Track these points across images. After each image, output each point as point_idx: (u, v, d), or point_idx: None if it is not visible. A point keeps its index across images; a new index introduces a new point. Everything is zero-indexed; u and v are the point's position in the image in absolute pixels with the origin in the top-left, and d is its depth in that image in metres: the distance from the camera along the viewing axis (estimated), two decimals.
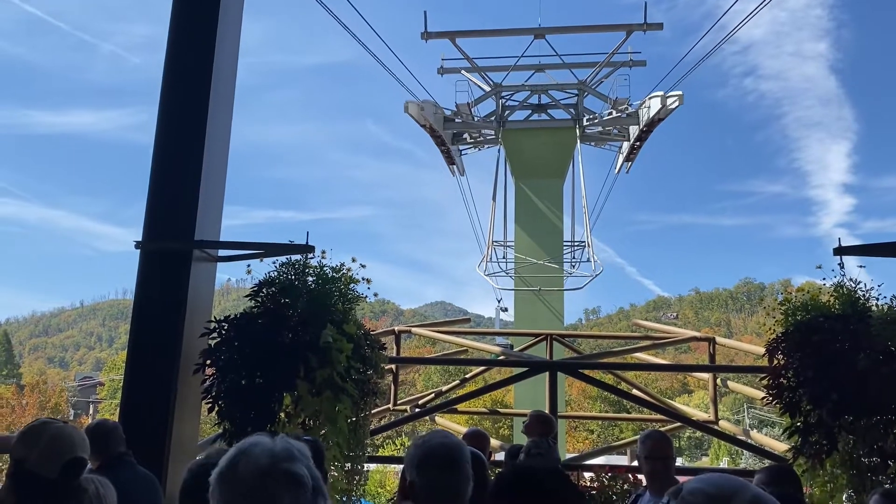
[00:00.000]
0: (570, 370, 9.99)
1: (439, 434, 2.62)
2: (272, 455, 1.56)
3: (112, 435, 4.31)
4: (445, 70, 26.43)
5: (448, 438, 2.57)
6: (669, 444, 4.37)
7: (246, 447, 1.60)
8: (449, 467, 2.44)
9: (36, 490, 2.16)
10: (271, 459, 1.55)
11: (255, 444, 1.60)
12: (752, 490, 1.45)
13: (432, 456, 2.47)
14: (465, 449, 2.54)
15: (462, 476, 2.45)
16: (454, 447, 2.51)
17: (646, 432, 4.49)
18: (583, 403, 65.05)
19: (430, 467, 2.45)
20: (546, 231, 25.65)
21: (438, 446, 2.49)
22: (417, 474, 2.46)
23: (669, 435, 5.04)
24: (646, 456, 4.30)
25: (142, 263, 6.32)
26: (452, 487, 2.43)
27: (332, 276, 5.97)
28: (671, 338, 14.09)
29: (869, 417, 5.64)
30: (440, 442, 2.52)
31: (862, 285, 6.16)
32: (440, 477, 2.43)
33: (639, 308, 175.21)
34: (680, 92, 22.24)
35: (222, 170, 6.96)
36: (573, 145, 25.91)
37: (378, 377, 6.45)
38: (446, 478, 2.44)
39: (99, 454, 4.15)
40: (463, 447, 2.55)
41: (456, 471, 2.45)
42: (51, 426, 2.42)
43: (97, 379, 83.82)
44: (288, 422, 5.52)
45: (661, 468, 4.28)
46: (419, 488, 2.44)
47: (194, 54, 6.73)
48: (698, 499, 1.44)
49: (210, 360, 5.60)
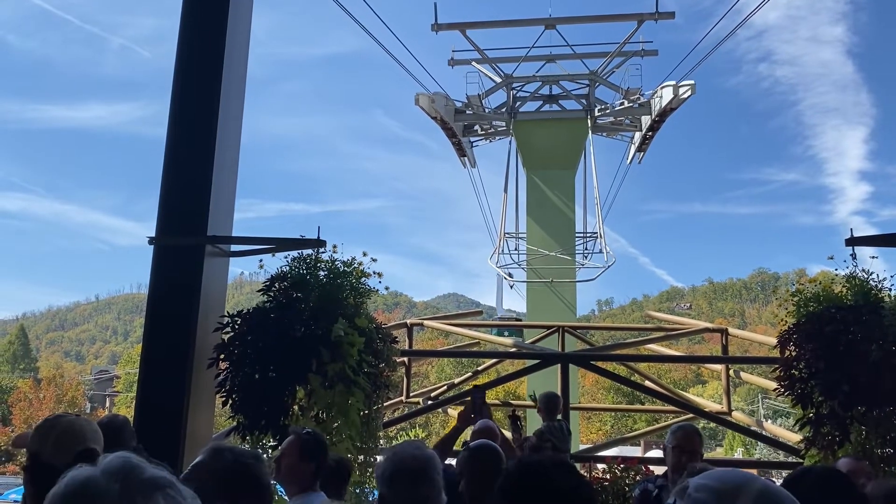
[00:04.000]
0: (583, 362, 10.01)
1: (411, 446, 2.58)
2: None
3: (124, 430, 4.36)
4: (456, 62, 26.39)
5: (420, 451, 2.53)
6: (700, 440, 4.35)
7: None
8: (420, 480, 2.41)
9: (51, 481, 2.22)
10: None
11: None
12: (759, 482, 1.45)
13: (403, 469, 2.44)
14: (436, 461, 2.50)
15: (434, 489, 2.42)
16: (425, 460, 2.47)
17: (678, 424, 4.53)
18: (597, 394, 64.93)
19: (400, 481, 2.42)
20: (558, 222, 25.61)
21: (410, 459, 2.46)
22: (388, 487, 2.43)
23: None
24: (674, 446, 4.30)
25: (155, 259, 6.39)
26: (422, 500, 2.40)
27: (344, 270, 6.00)
28: (684, 329, 14.07)
29: (881, 408, 5.63)
30: (411, 455, 2.48)
31: (874, 276, 6.13)
32: (411, 489, 2.41)
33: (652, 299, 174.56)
34: (692, 81, 22.11)
35: (234, 165, 7.01)
36: (585, 136, 25.83)
37: (390, 370, 6.49)
38: (417, 490, 2.40)
39: (112, 449, 4.20)
40: (434, 459, 2.51)
41: (427, 484, 2.41)
42: (63, 419, 2.48)
43: (113, 372, 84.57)
44: (301, 415, 5.57)
45: (686, 462, 4.28)
46: (389, 502, 2.42)
47: (205, 48, 6.77)
48: (705, 495, 1.44)
49: (223, 355, 5.66)
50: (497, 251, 26.34)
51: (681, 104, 22.93)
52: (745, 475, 1.46)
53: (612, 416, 62.76)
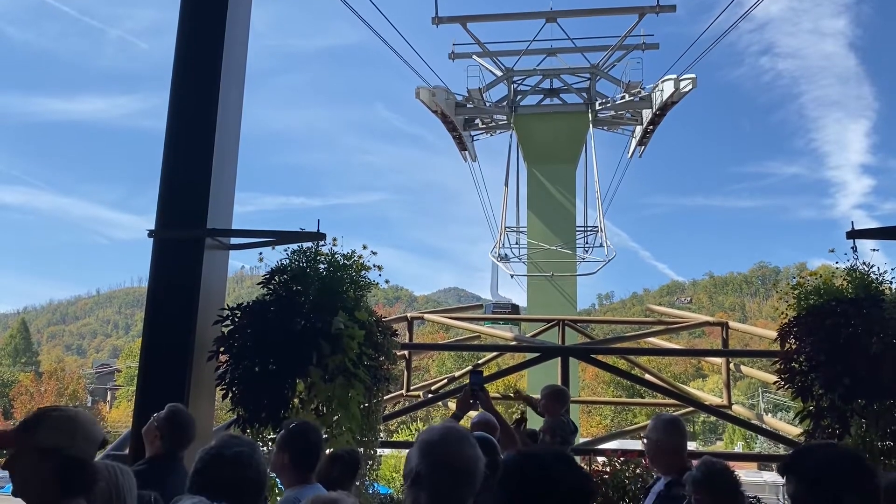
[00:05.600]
0: (583, 355, 10.01)
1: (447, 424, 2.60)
2: None
3: (191, 428, 4.39)
4: (457, 55, 26.31)
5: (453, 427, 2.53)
6: (675, 428, 4.25)
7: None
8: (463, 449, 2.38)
9: (83, 472, 2.26)
10: None
11: None
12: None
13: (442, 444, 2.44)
14: (472, 437, 2.52)
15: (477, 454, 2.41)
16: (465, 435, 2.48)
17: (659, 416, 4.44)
18: (597, 388, 64.99)
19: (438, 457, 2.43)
20: (559, 216, 25.59)
21: (445, 434, 2.46)
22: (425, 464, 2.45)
23: (683, 419, 5.02)
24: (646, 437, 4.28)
25: (155, 252, 6.38)
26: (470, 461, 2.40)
27: (344, 263, 5.99)
28: (684, 322, 14.07)
29: (882, 401, 5.63)
30: (446, 429, 2.48)
31: (875, 269, 6.11)
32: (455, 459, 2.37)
33: (652, 293, 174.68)
34: (693, 75, 22.06)
35: (234, 158, 6.99)
36: (586, 130, 25.79)
37: (390, 363, 6.49)
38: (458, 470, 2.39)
39: (170, 443, 4.26)
40: (471, 435, 2.53)
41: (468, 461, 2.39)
42: (70, 411, 2.46)
43: (114, 366, 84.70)
44: (301, 408, 5.57)
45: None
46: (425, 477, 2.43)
47: (205, 40, 6.73)
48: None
49: (224, 347, 5.65)
50: (498, 245, 26.33)
51: (682, 98, 22.89)
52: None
53: (613, 409, 62.83)
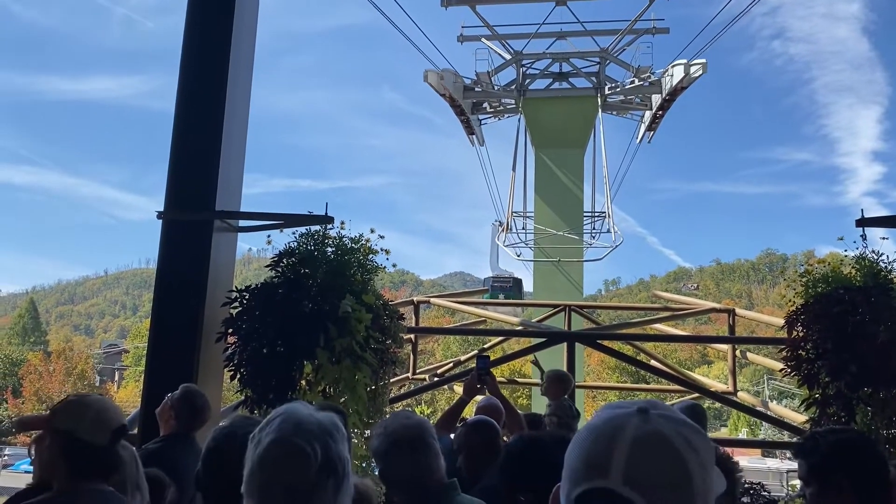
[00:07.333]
0: (588, 341, 10.02)
1: (400, 416, 2.61)
2: (292, 426, 1.57)
3: (206, 409, 4.45)
4: (465, 38, 26.10)
5: (409, 419, 2.56)
6: (693, 414, 4.29)
7: (274, 415, 1.61)
8: (417, 448, 2.45)
9: (91, 456, 2.39)
10: (282, 433, 1.56)
11: (284, 413, 1.62)
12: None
13: (398, 441, 2.46)
14: (427, 426, 2.53)
15: (431, 453, 2.45)
16: (418, 427, 2.50)
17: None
18: (602, 373, 65.12)
19: (397, 453, 2.45)
20: (566, 201, 25.48)
21: (402, 429, 2.49)
22: (385, 462, 2.47)
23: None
24: None
25: (164, 233, 6.40)
26: (423, 468, 2.44)
27: (351, 246, 6.00)
28: (691, 309, 14.05)
29: (888, 389, 5.63)
30: (402, 425, 2.51)
31: (885, 257, 6.09)
32: (410, 459, 2.44)
33: (659, 279, 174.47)
34: (703, 60, 21.88)
35: (242, 140, 6.99)
36: (594, 114, 25.63)
37: (397, 346, 6.51)
38: (416, 459, 2.44)
39: (184, 423, 4.34)
40: (425, 424, 2.54)
41: (424, 450, 2.45)
42: (90, 398, 2.58)
43: (122, 346, 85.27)
44: (308, 389, 5.61)
45: None
46: (390, 476, 2.46)
47: (214, 21, 6.72)
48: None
49: (231, 329, 5.69)
50: (504, 229, 26.28)
51: (692, 83, 22.71)
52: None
53: (618, 395, 62.95)
